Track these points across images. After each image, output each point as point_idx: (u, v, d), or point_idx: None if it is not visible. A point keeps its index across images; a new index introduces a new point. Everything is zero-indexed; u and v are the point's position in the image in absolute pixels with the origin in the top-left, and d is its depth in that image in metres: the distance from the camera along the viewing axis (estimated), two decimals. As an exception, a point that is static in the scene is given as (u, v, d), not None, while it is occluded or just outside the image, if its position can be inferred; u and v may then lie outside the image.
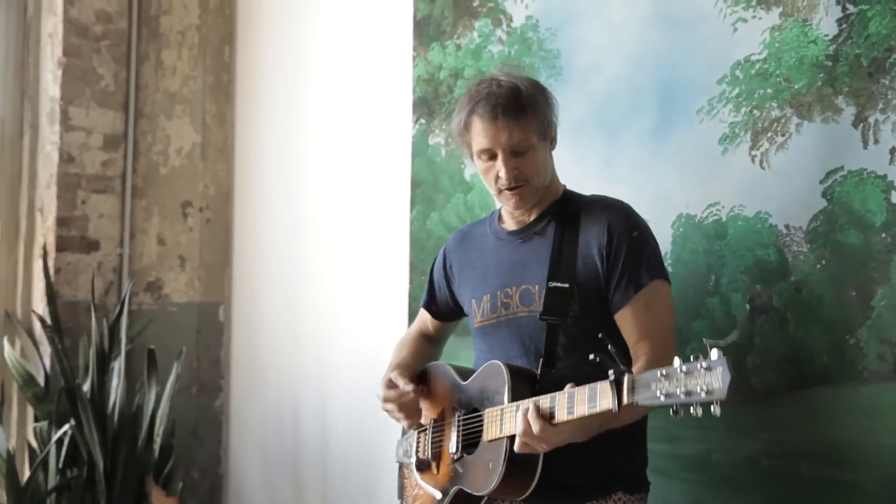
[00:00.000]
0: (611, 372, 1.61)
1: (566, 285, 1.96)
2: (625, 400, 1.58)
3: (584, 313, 1.97)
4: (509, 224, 2.14)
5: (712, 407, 1.44)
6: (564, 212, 2.06)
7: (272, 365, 3.86)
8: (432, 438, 2.12)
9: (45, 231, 3.92)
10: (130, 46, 4.14)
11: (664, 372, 1.51)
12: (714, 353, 1.44)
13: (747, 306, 2.18)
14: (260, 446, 3.90)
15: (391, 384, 2.16)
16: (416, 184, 3.11)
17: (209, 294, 4.12)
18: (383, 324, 3.25)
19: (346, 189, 3.51)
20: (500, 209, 2.19)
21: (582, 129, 2.55)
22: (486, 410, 1.95)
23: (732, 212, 2.23)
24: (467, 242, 2.24)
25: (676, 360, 1.50)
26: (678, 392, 1.47)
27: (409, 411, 2.15)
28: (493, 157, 1.99)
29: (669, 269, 2.28)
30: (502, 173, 1.98)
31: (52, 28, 3.97)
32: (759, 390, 2.15)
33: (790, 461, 2.09)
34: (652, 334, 1.93)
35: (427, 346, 2.36)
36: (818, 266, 2.09)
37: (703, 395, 1.44)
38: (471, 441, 2.00)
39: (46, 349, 3.69)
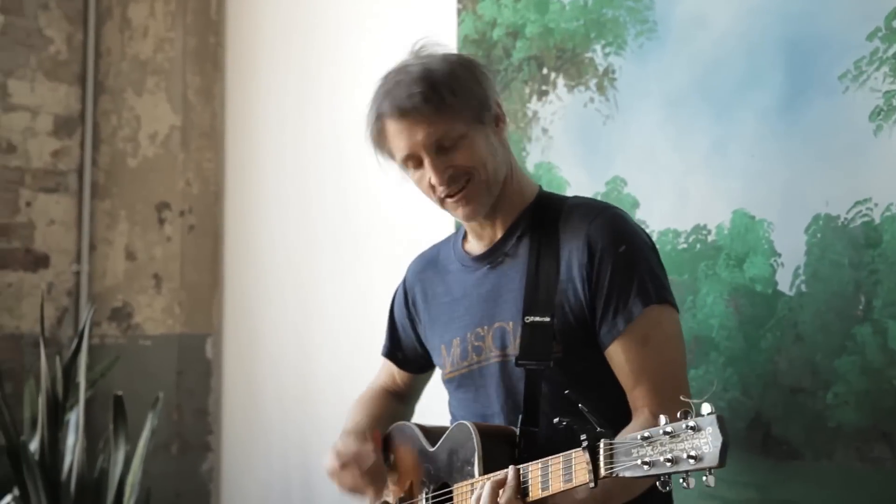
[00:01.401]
0: (583, 437, 1.65)
1: (546, 319, 2.01)
2: (602, 472, 1.63)
3: (569, 354, 2.01)
4: (475, 246, 2.19)
5: (704, 477, 1.49)
6: (539, 222, 2.10)
7: (277, 416, 3.86)
8: None
9: (-23, 243, 3.98)
10: (88, 1, 4.17)
11: (646, 434, 1.56)
12: (705, 408, 1.49)
13: (910, 337, 2.16)
14: (261, 524, 3.93)
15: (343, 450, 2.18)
16: (463, 177, 3.11)
17: (193, 324, 4.14)
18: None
19: (371, 187, 3.51)
20: (463, 227, 2.23)
21: (683, 103, 2.53)
22: (456, 486, 2.00)
23: (889, 211, 2.20)
24: (431, 271, 2.30)
25: (662, 419, 1.55)
26: (661, 459, 1.53)
27: (374, 477, 2.17)
28: (420, 162, 2.06)
29: (803, 287, 2.27)
30: (434, 179, 2.04)
31: (-16, -22, 4.02)
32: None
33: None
34: (651, 377, 1.95)
35: (393, 404, 2.41)
36: None
37: (690, 462, 1.49)
38: None
39: (-19, 397, 3.75)
